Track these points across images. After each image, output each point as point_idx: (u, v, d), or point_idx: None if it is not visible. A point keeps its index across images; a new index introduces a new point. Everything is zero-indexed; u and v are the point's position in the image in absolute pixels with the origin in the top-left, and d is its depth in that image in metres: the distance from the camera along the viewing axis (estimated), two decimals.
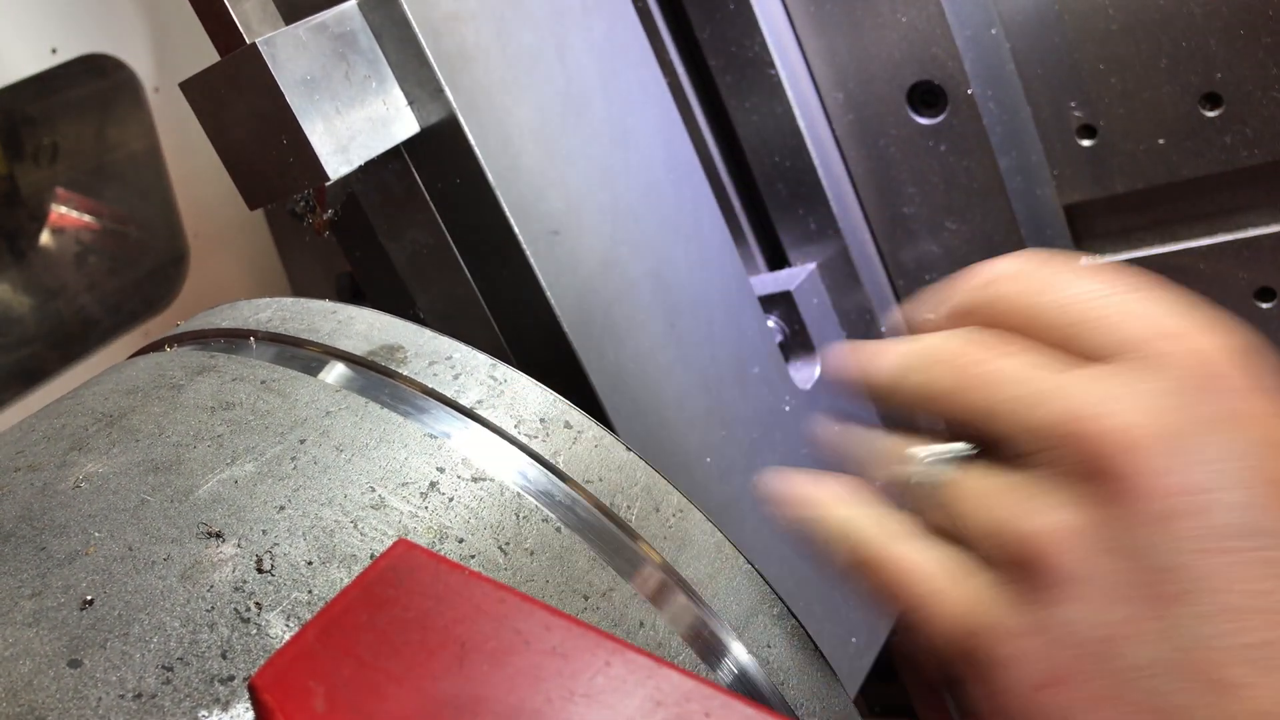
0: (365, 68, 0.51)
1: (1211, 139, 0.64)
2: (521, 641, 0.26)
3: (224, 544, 0.32)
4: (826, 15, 0.68)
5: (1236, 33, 0.60)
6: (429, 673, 0.25)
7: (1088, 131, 0.68)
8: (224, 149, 0.51)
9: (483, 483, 0.36)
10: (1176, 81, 0.63)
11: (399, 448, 0.37)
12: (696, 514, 0.40)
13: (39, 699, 0.27)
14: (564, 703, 0.25)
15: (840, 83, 0.70)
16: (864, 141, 0.71)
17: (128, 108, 0.96)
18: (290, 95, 0.47)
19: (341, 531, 0.33)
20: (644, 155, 0.61)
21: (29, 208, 1.03)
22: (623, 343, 0.57)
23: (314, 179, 0.49)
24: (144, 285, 1.05)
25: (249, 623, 0.30)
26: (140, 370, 0.43)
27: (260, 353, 0.43)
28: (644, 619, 0.36)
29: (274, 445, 0.36)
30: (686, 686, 0.25)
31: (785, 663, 0.40)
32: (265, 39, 0.47)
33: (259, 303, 0.47)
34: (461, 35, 0.52)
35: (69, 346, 1.00)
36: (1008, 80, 0.68)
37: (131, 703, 0.28)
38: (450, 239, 0.55)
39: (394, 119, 0.52)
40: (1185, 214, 0.69)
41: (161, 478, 0.35)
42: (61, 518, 0.33)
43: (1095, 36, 0.64)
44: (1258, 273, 0.66)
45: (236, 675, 0.29)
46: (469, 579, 0.28)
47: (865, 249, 0.74)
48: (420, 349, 0.41)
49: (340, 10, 0.50)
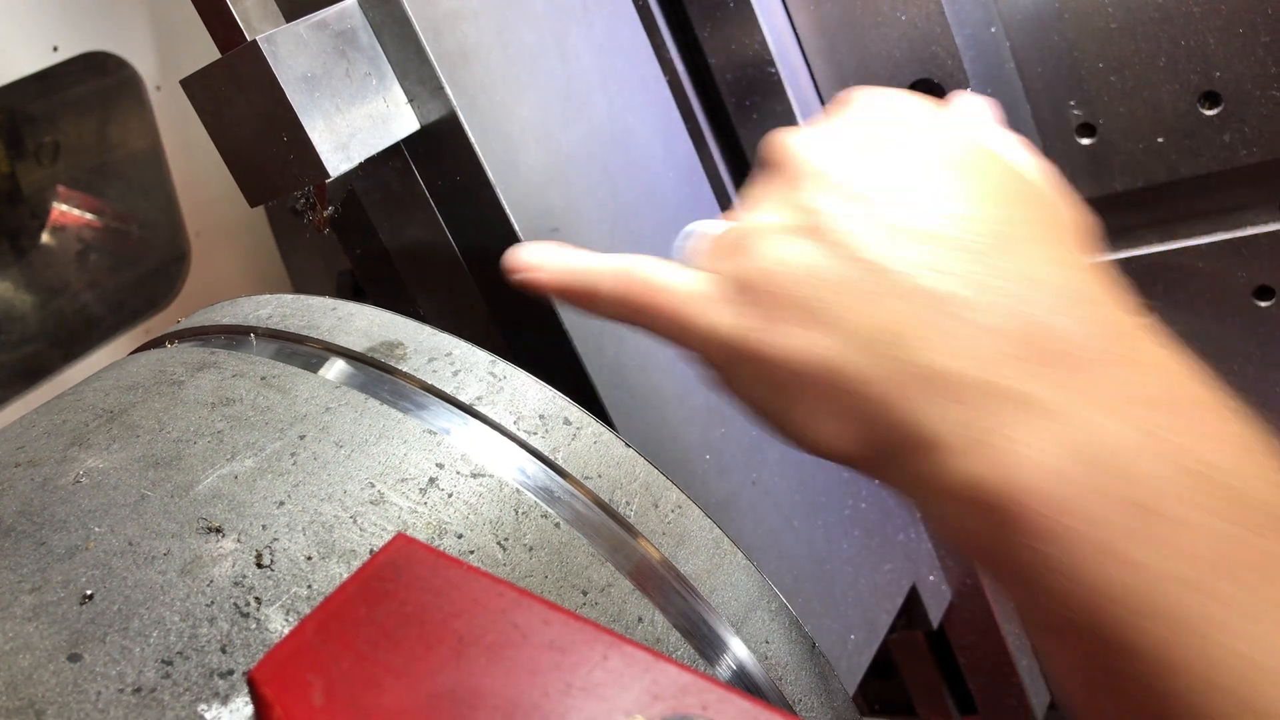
0: (366, 65, 0.51)
1: (1210, 138, 0.64)
2: (519, 636, 0.26)
3: (224, 539, 0.32)
4: (826, 13, 0.68)
5: (1235, 32, 0.60)
6: (427, 666, 0.26)
7: (1087, 130, 0.68)
8: (225, 146, 0.51)
9: (482, 478, 0.36)
10: (1176, 80, 0.63)
11: (398, 443, 0.37)
12: (695, 510, 0.40)
13: (39, 693, 0.28)
14: (561, 696, 0.25)
15: (840, 80, 0.70)
16: None
17: (129, 106, 0.96)
18: (291, 92, 0.47)
19: (341, 527, 0.33)
20: (644, 153, 0.61)
21: (31, 206, 1.03)
22: (622, 339, 0.57)
23: (314, 176, 0.49)
24: (145, 283, 1.05)
25: (248, 617, 0.30)
26: (141, 366, 0.43)
27: (261, 349, 0.43)
28: (642, 614, 0.36)
29: (274, 441, 0.36)
30: (684, 680, 0.25)
31: (783, 658, 0.40)
32: (266, 36, 0.47)
33: (259, 299, 0.47)
34: (462, 33, 0.53)
35: (70, 344, 1.00)
36: (1007, 79, 0.68)
37: (131, 696, 0.28)
38: (450, 236, 0.55)
39: (394, 116, 0.52)
40: (1184, 212, 0.69)
41: (162, 473, 0.35)
42: (62, 513, 0.33)
43: (1095, 35, 0.64)
44: (1256, 271, 0.66)
45: (236, 669, 0.29)
46: (468, 574, 0.28)
47: None
48: (420, 345, 0.41)
49: (341, 8, 0.50)
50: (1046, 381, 0.33)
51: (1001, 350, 0.33)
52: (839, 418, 0.36)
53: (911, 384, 0.34)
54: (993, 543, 0.33)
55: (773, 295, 0.37)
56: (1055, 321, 0.33)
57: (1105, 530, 0.31)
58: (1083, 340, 0.33)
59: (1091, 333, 0.34)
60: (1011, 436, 0.32)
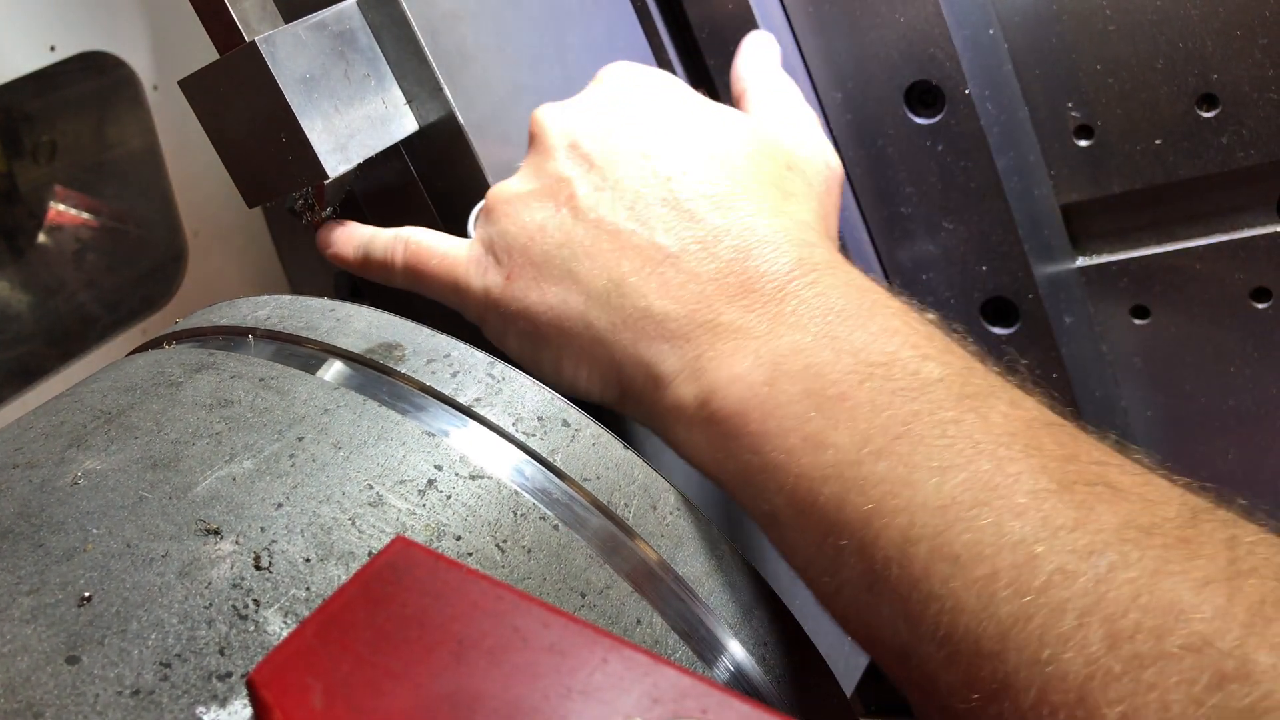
0: (364, 66, 0.51)
1: (1208, 140, 0.64)
2: (519, 638, 0.26)
3: (222, 541, 0.32)
4: (824, 15, 0.68)
5: (1233, 34, 0.60)
6: (426, 669, 0.26)
7: (1085, 132, 0.68)
8: (223, 147, 0.51)
9: (480, 480, 0.36)
10: (1173, 82, 0.63)
11: (397, 445, 0.37)
12: (693, 512, 0.40)
13: (36, 695, 0.28)
14: (561, 699, 0.25)
15: (838, 82, 0.70)
16: (861, 141, 0.71)
17: (127, 105, 0.96)
18: (289, 93, 0.47)
19: (339, 529, 0.33)
20: None
21: (27, 205, 1.03)
22: None
23: (313, 177, 0.49)
24: (143, 283, 1.05)
25: (247, 619, 0.30)
26: (139, 367, 0.43)
27: (259, 350, 0.43)
28: (641, 616, 0.36)
29: (272, 443, 0.36)
30: (683, 684, 0.25)
31: (781, 660, 0.40)
32: (264, 37, 0.47)
33: (257, 300, 0.47)
34: (461, 34, 0.53)
35: (67, 344, 1.00)
36: (1005, 80, 0.68)
37: (129, 699, 0.28)
38: None
39: (393, 117, 0.52)
40: (1182, 214, 0.69)
41: (160, 475, 0.35)
42: (59, 514, 0.33)
43: (1093, 37, 0.65)
44: (1254, 273, 0.67)
45: (234, 672, 0.29)
46: (466, 576, 0.28)
47: (862, 248, 0.74)
48: (418, 347, 0.41)
49: (339, 9, 0.50)
50: (746, 311, 0.38)
51: (706, 291, 0.39)
52: (589, 364, 0.41)
53: (638, 327, 0.39)
54: (722, 455, 0.38)
55: (527, 256, 0.42)
56: (756, 264, 0.39)
57: (801, 422, 0.35)
58: (782, 275, 0.39)
59: (790, 269, 0.39)
60: (718, 360, 0.38)
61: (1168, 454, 0.77)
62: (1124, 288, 0.72)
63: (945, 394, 0.35)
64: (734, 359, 0.37)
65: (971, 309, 0.73)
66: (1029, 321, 0.71)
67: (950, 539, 0.32)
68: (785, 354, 0.37)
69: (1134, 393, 0.76)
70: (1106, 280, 0.72)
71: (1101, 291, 0.73)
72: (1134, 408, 0.76)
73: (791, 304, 0.38)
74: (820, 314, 0.37)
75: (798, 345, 0.37)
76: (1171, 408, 0.74)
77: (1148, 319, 0.72)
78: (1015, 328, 0.72)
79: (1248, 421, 0.72)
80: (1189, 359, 0.72)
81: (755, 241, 0.40)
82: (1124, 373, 0.75)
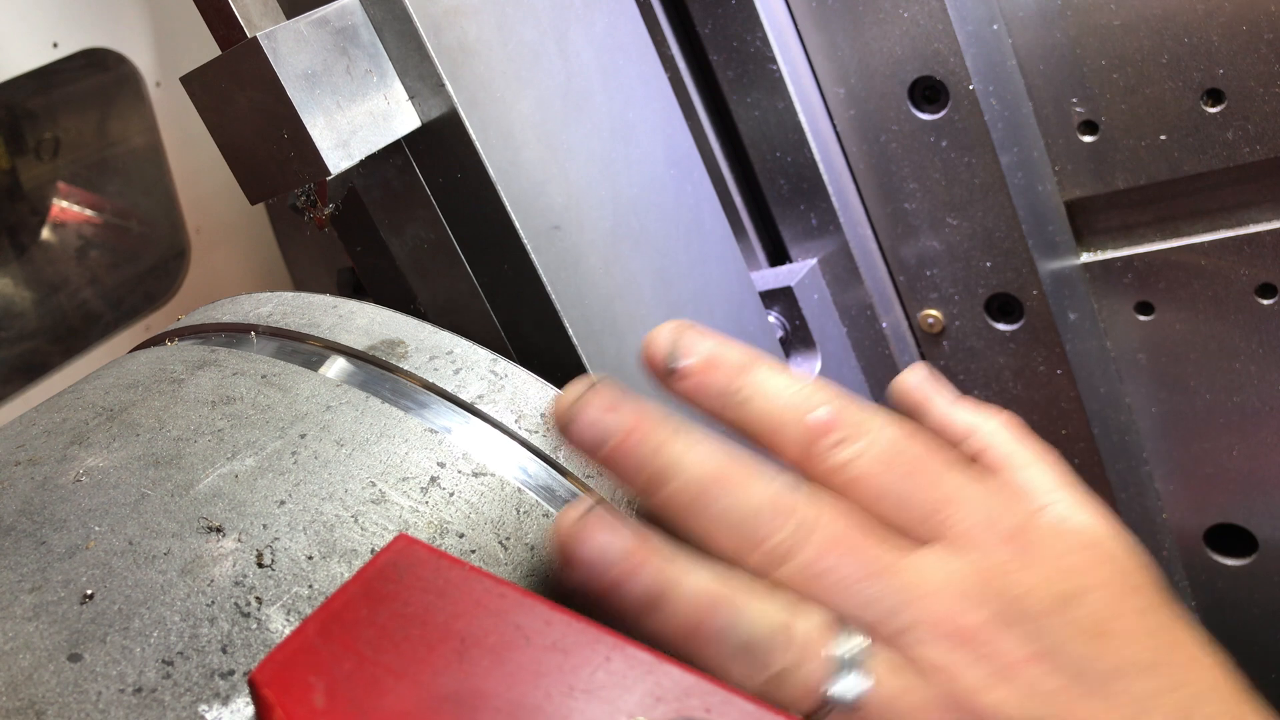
0: (366, 62, 0.51)
1: (1213, 135, 0.64)
2: (522, 637, 0.26)
3: (224, 538, 0.32)
4: (828, 10, 0.68)
5: (1238, 29, 0.60)
6: (429, 668, 0.26)
7: (1089, 127, 0.68)
8: (225, 143, 0.51)
9: (483, 477, 0.36)
10: (1178, 78, 0.63)
11: (399, 442, 0.37)
12: None
13: (39, 693, 0.27)
14: (564, 698, 0.25)
15: (842, 78, 0.70)
16: (865, 137, 0.71)
17: (129, 102, 0.96)
18: (291, 89, 0.47)
19: (342, 526, 0.33)
20: (645, 150, 0.61)
21: (31, 202, 1.03)
22: (624, 338, 0.57)
23: (315, 173, 0.49)
24: (145, 280, 1.05)
25: (249, 617, 0.30)
26: (141, 365, 0.43)
27: (261, 347, 0.43)
28: None
29: (275, 440, 0.36)
30: (687, 682, 0.25)
31: None
32: (266, 33, 0.47)
33: (260, 297, 0.47)
34: (463, 29, 0.52)
35: (70, 341, 1.00)
36: (1009, 76, 0.67)
37: (132, 697, 0.28)
38: (451, 234, 0.55)
39: (395, 113, 0.52)
40: (1187, 210, 0.69)
41: (162, 472, 0.35)
42: (62, 512, 0.33)
43: (1097, 32, 0.64)
44: (1259, 269, 0.66)
45: (237, 670, 0.29)
46: (469, 574, 0.28)
47: (866, 245, 0.74)
48: (421, 344, 0.41)
49: (341, 5, 0.50)
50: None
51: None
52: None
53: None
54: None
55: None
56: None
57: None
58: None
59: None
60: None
61: (1172, 450, 0.77)
62: (1128, 284, 0.72)
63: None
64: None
65: (975, 305, 0.73)
66: (1033, 317, 0.71)
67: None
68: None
69: (1138, 389, 0.75)
70: (1111, 276, 0.72)
71: (1106, 287, 0.73)
72: (1138, 404, 0.76)
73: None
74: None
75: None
76: (1176, 404, 0.74)
77: (1152, 315, 0.72)
78: (1019, 324, 0.72)
79: (1252, 417, 0.71)
80: (1194, 355, 0.72)
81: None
82: (1128, 369, 0.75)
